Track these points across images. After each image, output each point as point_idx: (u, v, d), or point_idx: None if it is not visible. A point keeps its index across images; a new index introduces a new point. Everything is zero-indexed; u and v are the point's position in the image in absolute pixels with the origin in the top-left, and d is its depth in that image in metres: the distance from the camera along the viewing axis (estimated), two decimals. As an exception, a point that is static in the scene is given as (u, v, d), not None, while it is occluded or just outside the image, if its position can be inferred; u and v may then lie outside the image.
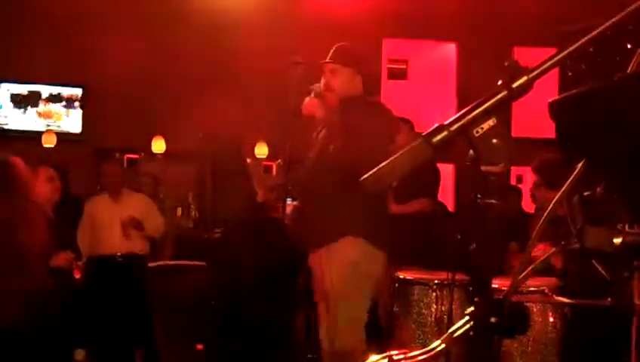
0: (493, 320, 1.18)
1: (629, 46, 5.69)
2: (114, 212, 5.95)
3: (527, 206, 6.28)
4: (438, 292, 3.62)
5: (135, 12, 8.14)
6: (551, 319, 3.26)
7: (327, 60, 3.94)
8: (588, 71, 6.86)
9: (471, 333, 1.22)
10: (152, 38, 8.35)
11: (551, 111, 0.95)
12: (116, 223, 5.89)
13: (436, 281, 3.56)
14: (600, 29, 1.22)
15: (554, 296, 3.36)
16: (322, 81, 3.93)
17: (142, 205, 6.21)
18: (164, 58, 8.43)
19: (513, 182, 8.23)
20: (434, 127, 1.20)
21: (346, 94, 3.82)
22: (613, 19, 1.21)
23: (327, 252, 3.65)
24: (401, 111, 5.30)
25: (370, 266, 3.72)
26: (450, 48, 9.52)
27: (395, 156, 1.21)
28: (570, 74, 6.91)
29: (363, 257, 3.67)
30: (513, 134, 8.22)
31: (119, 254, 5.91)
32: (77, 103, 9.03)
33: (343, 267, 3.59)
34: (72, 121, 9.05)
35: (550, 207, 1.22)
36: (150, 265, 5.83)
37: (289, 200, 7.00)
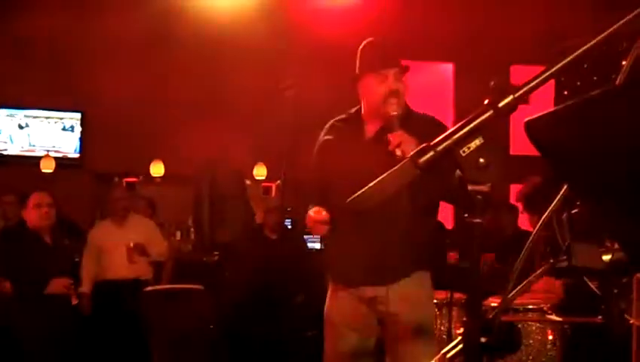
0: (482, 340, 1.18)
1: (624, 63, 5.71)
2: (120, 237, 5.97)
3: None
4: (438, 311, 3.60)
5: (133, 38, 8.18)
6: (550, 337, 3.24)
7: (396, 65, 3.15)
8: (583, 88, 6.89)
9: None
10: (150, 63, 8.39)
11: (526, 131, 0.95)
12: (122, 248, 5.91)
13: (435, 301, 3.55)
14: (585, 47, 1.23)
15: (553, 313, 3.35)
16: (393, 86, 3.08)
17: (147, 230, 6.22)
18: (162, 82, 8.47)
19: (512, 200, 8.21)
20: (420, 147, 1.20)
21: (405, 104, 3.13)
22: (600, 37, 1.22)
23: (400, 289, 3.02)
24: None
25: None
26: (448, 68, 9.56)
27: (382, 176, 1.21)
28: (565, 92, 6.93)
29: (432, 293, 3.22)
30: (512, 152, 8.23)
31: (124, 279, 5.92)
32: (75, 128, 9.06)
33: (422, 306, 3.09)
34: (70, 146, 9.07)
35: (535, 230, 1.22)
36: (148, 289, 5.81)
37: (288, 222, 7.01)
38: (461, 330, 1.28)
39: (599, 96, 0.84)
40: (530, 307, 3.39)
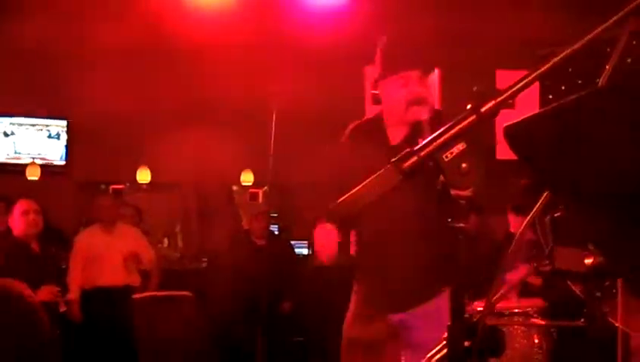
0: (467, 344, 1.19)
1: (607, 67, 5.76)
2: (109, 244, 5.97)
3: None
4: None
5: (119, 45, 8.16)
6: (536, 340, 3.26)
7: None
8: (568, 92, 6.92)
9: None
10: (136, 70, 8.36)
11: (505, 136, 0.96)
12: (112, 256, 5.92)
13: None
14: (568, 51, 1.24)
15: (538, 317, 3.37)
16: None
17: (135, 238, 6.25)
18: (148, 89, 8.44)
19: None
20: (404, 152, 1.21)
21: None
22: (583, 40, 1.23)
23: (424, 312, 2.75)
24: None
25: None
26: (433, 73, 9.59)
27: (365, 182, 1.22)
28: (550, 96, 6.97)
29: None
30: (498, 156, 8.26)
31: (115, 286, 5.92)
32: (61, 135, 9.02)
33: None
34: (56, 153, 9.03)
35: (520, 231, 1.23)
36: (136, 296, 5.80)
37: (274, 227, 7.01)
38: (445, 334, 1.29)
39: (576, 101, 0.85)
40: (516, 311, 3.40)
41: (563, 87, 6.87)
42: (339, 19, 7.24)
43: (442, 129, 1.24)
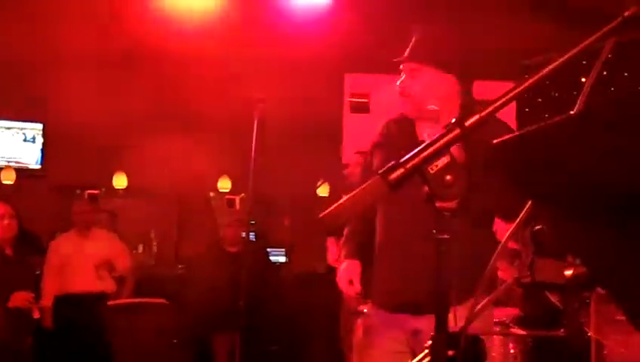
0: (450, 353, 1.21)
1: (583, 80, 5.86)
2: (84, 250, 5.93)
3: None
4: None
5: (96, 49, 8.12)
6: (511, 350, 3.29)
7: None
8: (544, 105, 7.02)
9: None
10: (113, 74, 8.32)
11: (493, 153, 0.99)
12: (87, 262, 5.87)
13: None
14: (551, 67, 1.28)
15: (514, 326, 3.41)
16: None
17: (111, 244, 6.20)
18: (125, 94, 8.40)
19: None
20: (390, 164, 1.23)
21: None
22: (566, 56, 1.27)
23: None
24: (364, 144, 5.35)
25: None
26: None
27: (352, 193, 1.24)
28: (527, 109, 7.06)
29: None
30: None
31: (88, 293, 5.87)
32: (37, 139, 8.94)
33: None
34: (31, 157, 8.94)
35: (504, 240, 1.26)
36: (111, 303, 5.76)
37: (251, 235, 6.99)
38: (428, 343, 1.31)
39: (557, 125, 0.88)
40: (495, 320, 3.44)
41: (540, 100, 6.96)
42: (322, 28, 7.28)
43: (427, 142, 1.27)
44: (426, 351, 1.50)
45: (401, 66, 2.88)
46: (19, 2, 8.01)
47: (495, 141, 0.94)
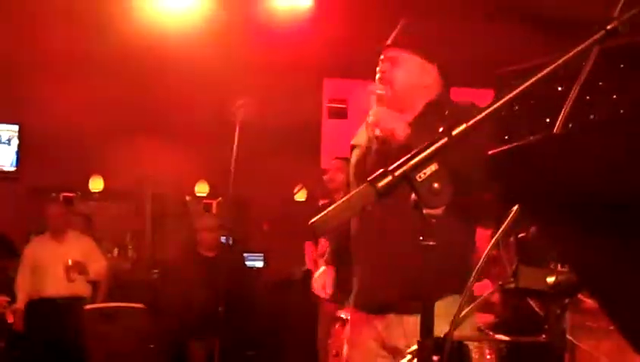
0: (435, 358, 1.23)
1: (559, 89, 5.95)
2: (57, 253, 5.87)
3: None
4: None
5: (72, 50, 8.07)
6: (488, 356, 3.33)
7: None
8: (521, 112, 7.10)
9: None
10: (89, 76, 8.26)
11: (490, 163, 1.01)
12: (60, 265, 5.81)
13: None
14: (535, 78, 1.30)
15: (490, 333, 3.44)
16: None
17: (85, 247, 6.15)
18: (101, 95, 8.35)
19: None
20: (379, 171, 1.25)
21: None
22: (549, 68, 1.30)
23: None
24: (342, 150, 5.38)
25: None
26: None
27: (341, 200, 1.25)
28: (503, 113, 7.13)
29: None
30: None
31: (61, 297, 5.82)
32: (12, 141, 8.84)
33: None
34: (6, 159, 8.85)
35: (488, 248, 1.28)
36: (86, 307, 5.72)
37: (224, 239, 6.98)
38: (414, 348, 1.33)
39: (543, 140, 0.91)
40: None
41: (516, 107, 7.04)
42: (299, 33, 7.30)
43: (415, 150, 1.29)
44: (409, 356, 1.52)
45: (382, 56, 2.76)
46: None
47: (491, 152, 0.97)
